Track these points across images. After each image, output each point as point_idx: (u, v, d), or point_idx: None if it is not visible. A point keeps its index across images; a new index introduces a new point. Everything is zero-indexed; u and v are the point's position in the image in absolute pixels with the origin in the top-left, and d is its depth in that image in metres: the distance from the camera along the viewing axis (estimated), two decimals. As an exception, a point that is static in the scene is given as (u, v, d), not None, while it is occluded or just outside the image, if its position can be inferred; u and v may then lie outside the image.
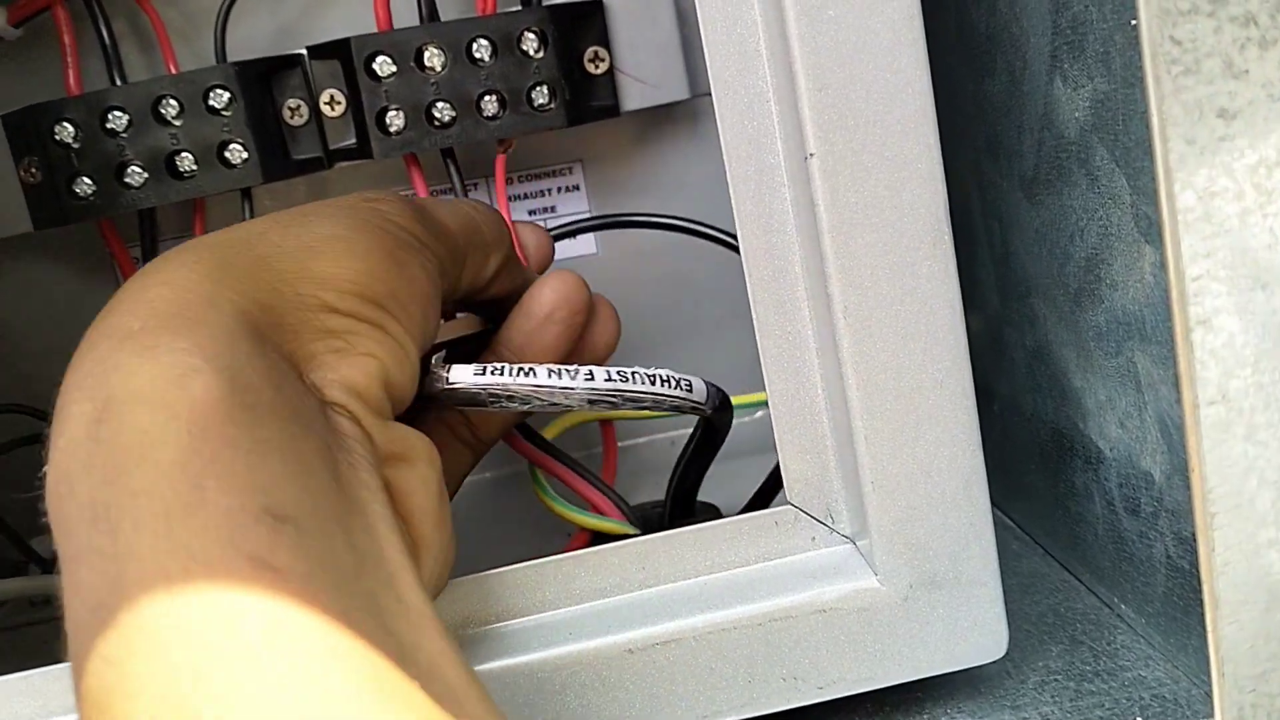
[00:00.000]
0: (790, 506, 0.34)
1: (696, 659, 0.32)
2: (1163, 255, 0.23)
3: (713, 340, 0.53)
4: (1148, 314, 0.29)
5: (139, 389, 0.24)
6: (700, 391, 0.37)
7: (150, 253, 0.48)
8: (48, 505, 0.25)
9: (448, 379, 0.34)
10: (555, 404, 0.34)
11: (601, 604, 0.33)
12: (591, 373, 0.35)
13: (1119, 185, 0.30)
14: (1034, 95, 0.33)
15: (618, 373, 0.35)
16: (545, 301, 0.39)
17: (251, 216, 0.47)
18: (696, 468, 0.42)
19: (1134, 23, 0.23)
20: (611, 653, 0.32)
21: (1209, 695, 0.30)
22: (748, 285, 0.33)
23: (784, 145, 0.31)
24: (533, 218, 0.52)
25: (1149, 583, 0.33)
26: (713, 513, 0.44)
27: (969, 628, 0.32)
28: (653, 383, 0.36)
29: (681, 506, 0.43)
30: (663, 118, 0.51)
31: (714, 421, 0.40)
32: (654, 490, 0.48)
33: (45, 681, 0.33)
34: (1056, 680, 0.33)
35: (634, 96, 0.48)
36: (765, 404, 0.50)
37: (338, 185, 0.50)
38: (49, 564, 0.49)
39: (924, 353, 0.30)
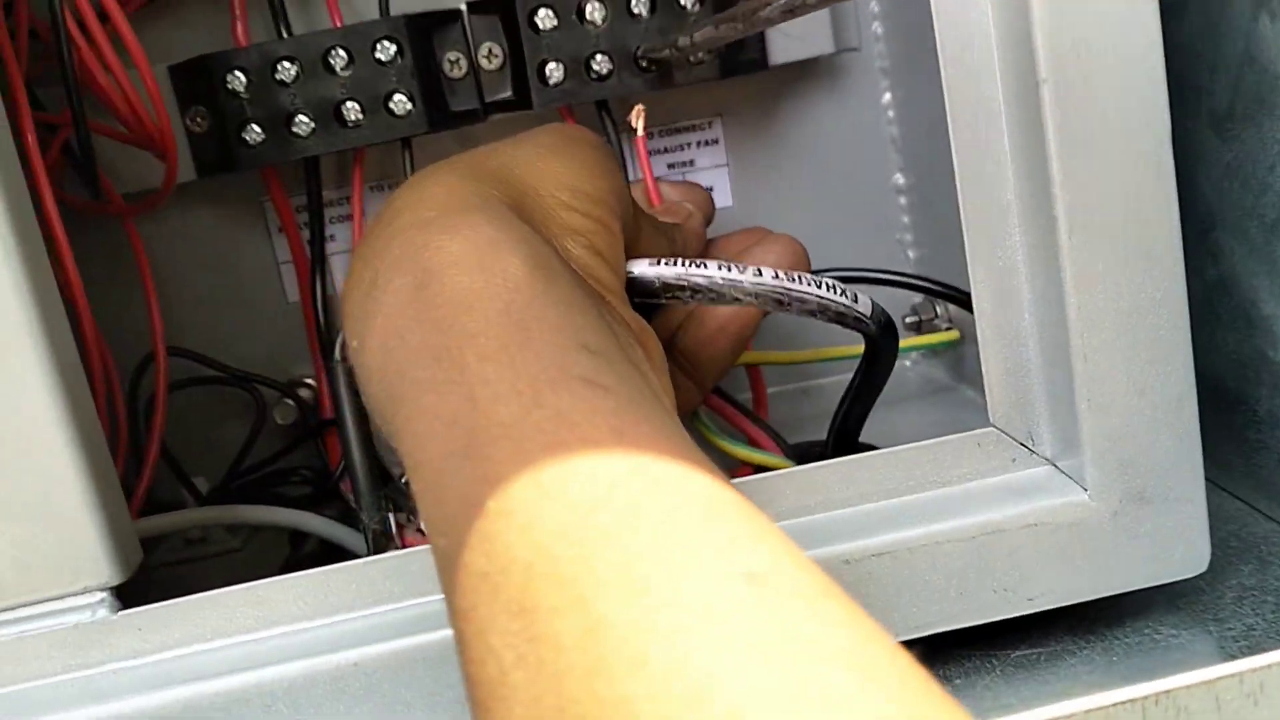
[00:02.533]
0: (993, 429, 0.35)
1: (911, 571, 0.33)
2: None
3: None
4: (1363, 235, 0.31)
5: (454, 258, 0.28)
6: (865, 305, 0.38)
7: (317, 199, 0.49)
8: (369, 363, 0.28)
9: (628, 270, 0.36)
10: (723, 295, 0.36)
11: (810, 519, 0.35)
12: (760, 270, 0.36)
13: (1336, 111, 0.31)
14: (1233, 35, 0.34)
15: (785, 273, 0.37)
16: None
17: (412, 166, 0.48)
18: (861, 403, 0.43)
19: None
20: (828, 564, 0.33)
21: None
22: (962, 215, 0.34)
23: (1002, 76, 0.32)
24: (671, 171, 0.53)
25: (1343, 502, 0.34)
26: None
27: (1174, 542, 0.33)
28: (819, 286, 0.37)
29: (844, 445, 0.44)
30: (803, 73, 0.52)
31: (878, 344, 0.40)
32: (798, 438, 0.49)
33: (270, 591, 0.35)
34: (1254, 595, 0.34)
35: (781, 50, 0.50)
36: (944, 345, 0.51)
37: (487, 137, 0.51)
38: (205, 499, 0.50)
39: (1144, 272, 0.31)
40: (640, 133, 0.46)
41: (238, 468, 0.50)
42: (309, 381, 0.53)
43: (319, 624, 0.34)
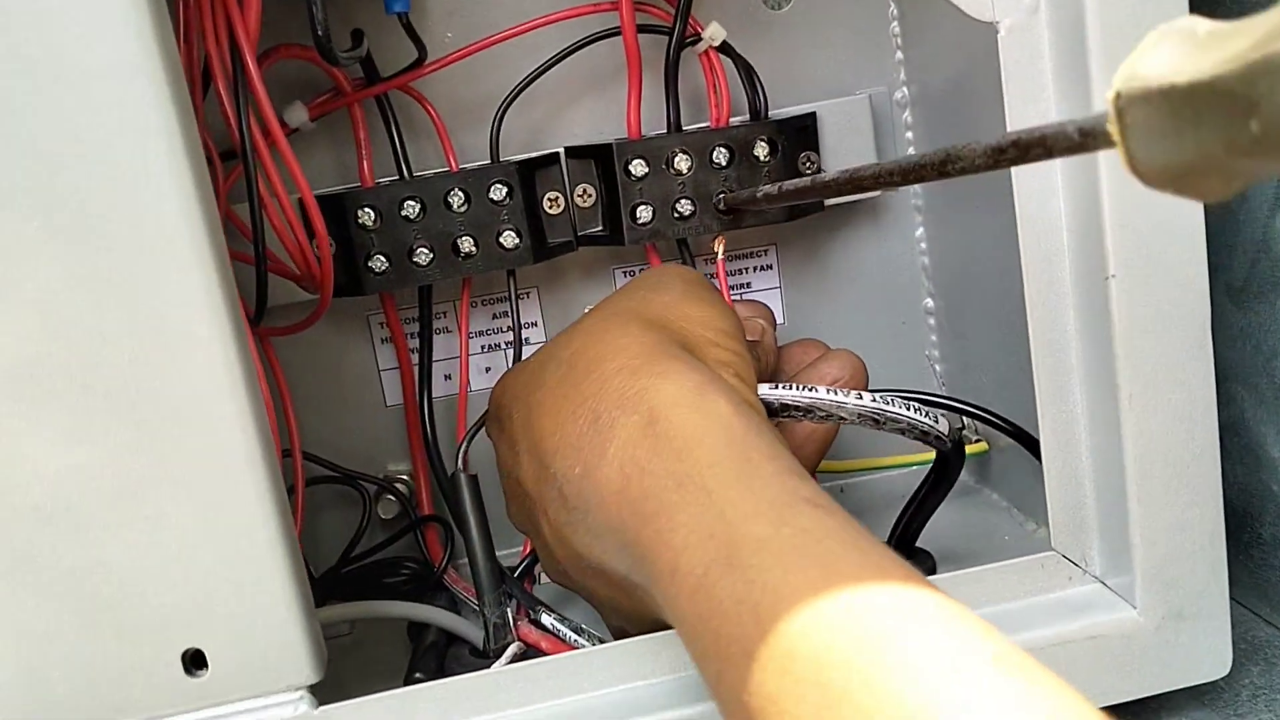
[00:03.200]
0: (1054, 552, 0.42)
1: (991, 674, 0.39)
2: None
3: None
4: (1361, 405, 0.38)
5: (673, 399, 0.34)
6: (945, 425, 0.45)
7: (428, 320, 0.55)
8: (604, 487, 0.34)
9: None
10: (830, 415, 0.43)
11: (904, 629, 0.41)
12: (860, 394, 0.43)
13: (1339, 305, 0.38)
14: (1250, 224, 0.42)
15: (881, 396, 0.43)
16: (829, 374, 0.47)
17: (516, 289, 0.54)
18: (924, 511, 0.49)
19: None
20: (925, 669, 0.39)
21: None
22: (1035, 374, 0.40)
23: (1071, 263, 0.39)
24: (730, 291, 0.60)
25: (1337, 615, 0.41)
26: (928, 558, 0.51)
27: (1204, 651, 0.40)
28: (908, 408, 0.43)
29: (903, 548, 0.50)
30: (849, 209, 0.59)
31: (949, 459, 0.47)
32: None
33: (464, 686, 0.40)
34: (1264, 694, 0.41)
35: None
36: (975, 455, 0.58)
37: (574, 260, 0.57)
38: (317, 585, 0.55)
39: (1186, 432, 0.38)
40: (720, 256, 0.53)
41: (348, 556, 0.55)
42: (404, 477, 0.58)
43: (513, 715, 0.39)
